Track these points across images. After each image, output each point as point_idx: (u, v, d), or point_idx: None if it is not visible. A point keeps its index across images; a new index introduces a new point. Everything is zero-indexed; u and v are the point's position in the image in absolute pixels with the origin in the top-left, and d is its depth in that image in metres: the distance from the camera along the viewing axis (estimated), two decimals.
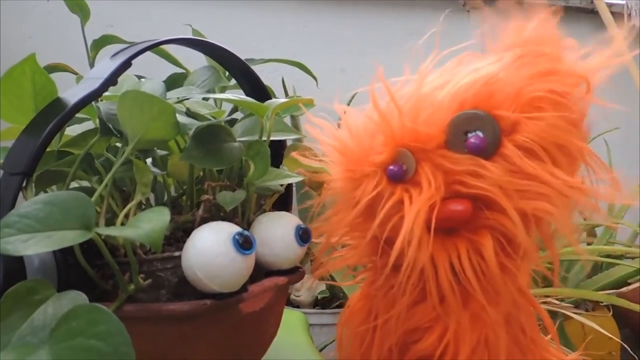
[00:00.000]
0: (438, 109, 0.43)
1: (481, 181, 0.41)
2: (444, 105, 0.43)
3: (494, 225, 0.42)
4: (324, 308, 1.25)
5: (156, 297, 0.40)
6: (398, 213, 0.43)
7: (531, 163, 0.41)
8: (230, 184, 0.47)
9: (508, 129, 0.42)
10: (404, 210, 0.42)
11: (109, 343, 0.29)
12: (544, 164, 0.41)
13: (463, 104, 0.43)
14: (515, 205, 0.41)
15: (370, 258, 0.48)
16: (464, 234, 0.43)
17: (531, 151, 0.41)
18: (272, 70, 1.18)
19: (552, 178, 0.41)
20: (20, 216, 0.32)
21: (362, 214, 0.45)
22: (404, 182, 0.44)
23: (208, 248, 0.39)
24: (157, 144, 0.45)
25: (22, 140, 0.38)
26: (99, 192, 0.40)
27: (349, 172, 0.46)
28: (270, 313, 0.47)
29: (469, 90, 0.43)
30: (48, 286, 0.34)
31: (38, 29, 1.26)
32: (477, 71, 0.44)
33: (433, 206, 0.42)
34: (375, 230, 0.44)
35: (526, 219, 0.42)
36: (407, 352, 0.47)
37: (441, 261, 0.42)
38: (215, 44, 0.49)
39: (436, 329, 0.45)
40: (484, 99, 0.42)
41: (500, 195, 0.41)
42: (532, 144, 0.41)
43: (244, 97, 0.50)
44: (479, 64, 0.45)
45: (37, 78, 0.40)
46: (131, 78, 0.49)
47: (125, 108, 0.39)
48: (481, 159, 0.42)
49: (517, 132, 0.42)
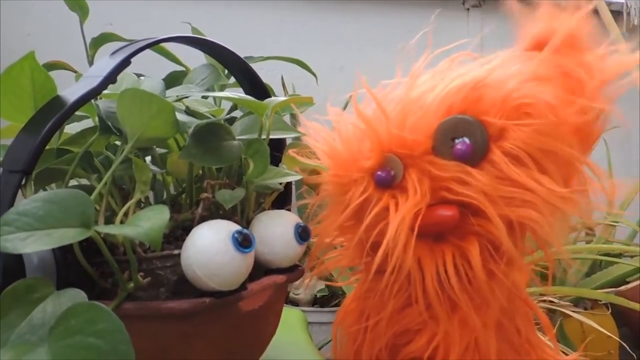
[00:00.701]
0: (425, 114, 0.43)
1: (467, 188, 0.41)
2: (432, 109, 0.43)
3: (480, 232, 0.42)
4: (323, 306, 1.25)
5: (155, 295, 0.40)
6: (384, 219, 0.43)
7: (517, 170, 0.41)
8: (229, 182, 0.47)
9: (496, 135, 0.42)
10: (389, 217, 0.42)
11: (108, 341, 0.29)
12: (530, 171, 0.41)
13: (451, 108, 0.42)
14: (500, 212, 0.41)
15: (361, 260, 0.48)
16: (452, 240, 0.43)
17: (518, 158, 0.41)
18: (271, 69, 1.18)
19: (537, 186, 0.40)
20: (19, 214, 0.32)
21: (351, 217, 0.45)
22: (392, 188, 0.44)
23: (207, 246, 0.39)
24: (157, 142, 0.45)
25: (22, 138, 0.38)
26: (98, 190, 0.40)
27: (337, 177, 0.46)
28: (270, 311, 0.47)
29: (457, 95, 0.42)
30: (47, 284, 0.34)
31: (37, 27, 1.26)
32: (466, 74, 0.44)
33: (418, 213, 0.42)
34: (362, 235, 0.44)
35: (511, 226, 0.42)
36: (398, 354, 0.47)
37: (428, 267, 0.43)
38: (214, 42, 0.49)
39: (425, 332, 0.45)
40: (471, 103, 0.42)
41: (485, 202, 0.41)
42: (518, 151, 0.41)
43: (243, 96, 0.50)
44: (470, 65, 0.45)
45: (36, 76, 0.40)
46: (130, 76, 0.49)
47: (125, 106, 0.39)
48: (468, 165, 0.41)
49: (504, 139, 0.41)
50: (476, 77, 0.43)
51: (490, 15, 1.51)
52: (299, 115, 0.49)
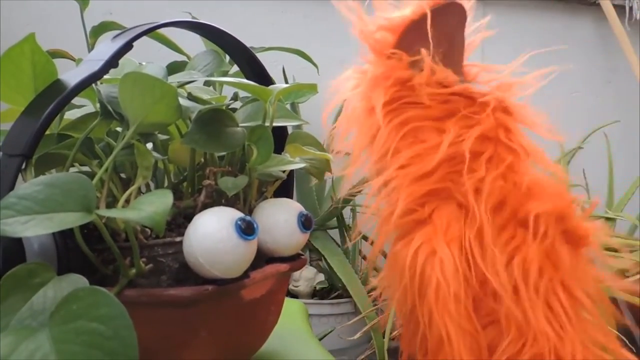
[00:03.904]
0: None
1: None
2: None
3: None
4: (323, 299, 1.25)
5: (157, 282, 0.40)
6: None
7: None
8: (232, 169, 0.47)
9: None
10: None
11: (110, 326, 0.29)
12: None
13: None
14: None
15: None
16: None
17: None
18: (272, 60, 1.18)
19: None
20: (19, 197, 0.32)
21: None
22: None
23: (210, 233, 0.38)
24: (159, 128, 0.44)
25: (22, 122, 0.37)
26: (99, 175, 0.40)
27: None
28: (272, 300, 0.46)
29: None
30: (48, 269, 0.33)
31: (37, 16, 1.25)
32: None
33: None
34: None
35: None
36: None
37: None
38: (216, 27, 0.48)
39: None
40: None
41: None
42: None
43: (247, 81, 0.49)
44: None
45: (36, 58, 0.40)
46: (132, 62, 0.48)
47: (127, 90, 0.39)
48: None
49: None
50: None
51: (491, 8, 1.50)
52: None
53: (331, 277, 1.26)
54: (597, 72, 1.67)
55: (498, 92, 0.45)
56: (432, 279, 0.41)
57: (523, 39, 1.54)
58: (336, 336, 1.17)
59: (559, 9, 1.63)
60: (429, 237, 0.43)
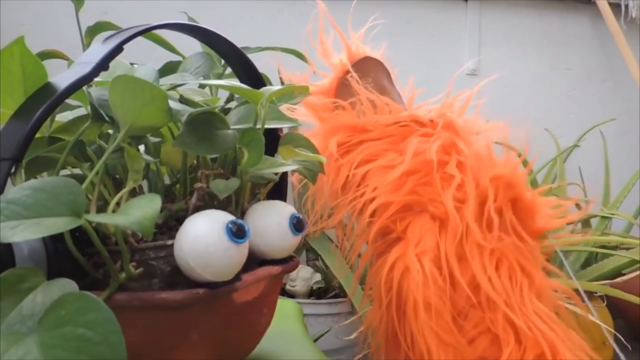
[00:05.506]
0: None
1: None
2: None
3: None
4: (319, 298, 1.25)
5: (148, 286, 0.39)
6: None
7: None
8: (224, 172, 0.47)
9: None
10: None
11: (98, 331, 0.29)
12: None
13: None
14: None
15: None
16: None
17: None
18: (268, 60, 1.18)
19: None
20: (7, 202, 0.32)
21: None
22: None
23: (201, 236, 0.38)
24: (150, 131, 0.44)
25: (11, 125, 0.37)
26: (90, 179, 0.39)
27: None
28: (264, 303, 0.46)
29: None
30: (38, 274, 0.33)
31: (32, 16, 1.25)
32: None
33: None
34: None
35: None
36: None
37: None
38: (209, 30, 0.48)
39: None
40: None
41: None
42: None
43: (238, 84, 0.49)
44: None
45: (25, 61, 0.39)
46: (123, 64, 0.48)
47: (117, 93, 0.38)
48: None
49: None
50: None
51: (488, 6, 1.50)
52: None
53: (328, 277, 1.26)
54: (593, 70, 1.67)
55: (443, 111, 0.49)
56: (409, 295, 0.42)
57: (519, 37, 1.54)
58: (333, 336, 1.17)
59: (555, 8, 1.63)
60: (402, 253, 0.43)
